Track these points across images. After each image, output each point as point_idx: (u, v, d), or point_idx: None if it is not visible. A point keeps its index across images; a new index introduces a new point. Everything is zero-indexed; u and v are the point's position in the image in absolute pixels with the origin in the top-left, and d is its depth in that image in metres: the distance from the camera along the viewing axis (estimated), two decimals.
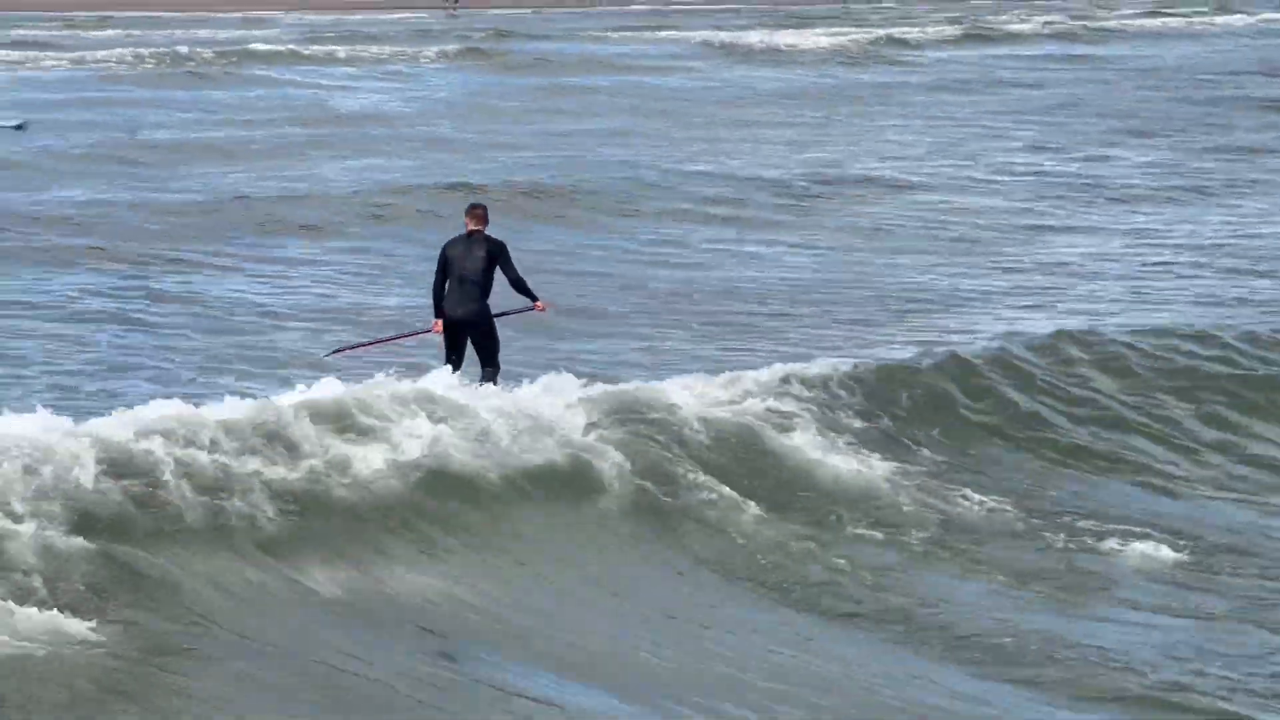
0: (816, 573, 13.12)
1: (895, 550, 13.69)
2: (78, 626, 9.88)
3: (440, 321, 16.48)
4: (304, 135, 43.78)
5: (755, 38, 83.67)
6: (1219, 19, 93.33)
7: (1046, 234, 30.29)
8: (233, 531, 11.74)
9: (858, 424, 15.94)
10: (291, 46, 72.56)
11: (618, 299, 23.81)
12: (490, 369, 16.34)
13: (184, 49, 68.43)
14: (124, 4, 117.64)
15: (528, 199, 31.97)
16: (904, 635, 12.02)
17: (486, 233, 16.41)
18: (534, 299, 16.57)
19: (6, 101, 48.36)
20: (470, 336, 16.37)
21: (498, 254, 16.26)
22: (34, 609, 9.94)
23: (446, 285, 16.37)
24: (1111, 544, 14.06)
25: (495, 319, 16.51)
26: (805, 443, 15.15)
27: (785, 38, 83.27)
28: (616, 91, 57.45)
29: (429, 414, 13.77)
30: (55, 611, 9.97)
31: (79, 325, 21.09)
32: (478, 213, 16.60)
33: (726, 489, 14.24)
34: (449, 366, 15.88)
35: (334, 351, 18.61)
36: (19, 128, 40.71)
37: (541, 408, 14.56)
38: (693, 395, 15.42)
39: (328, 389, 13.88)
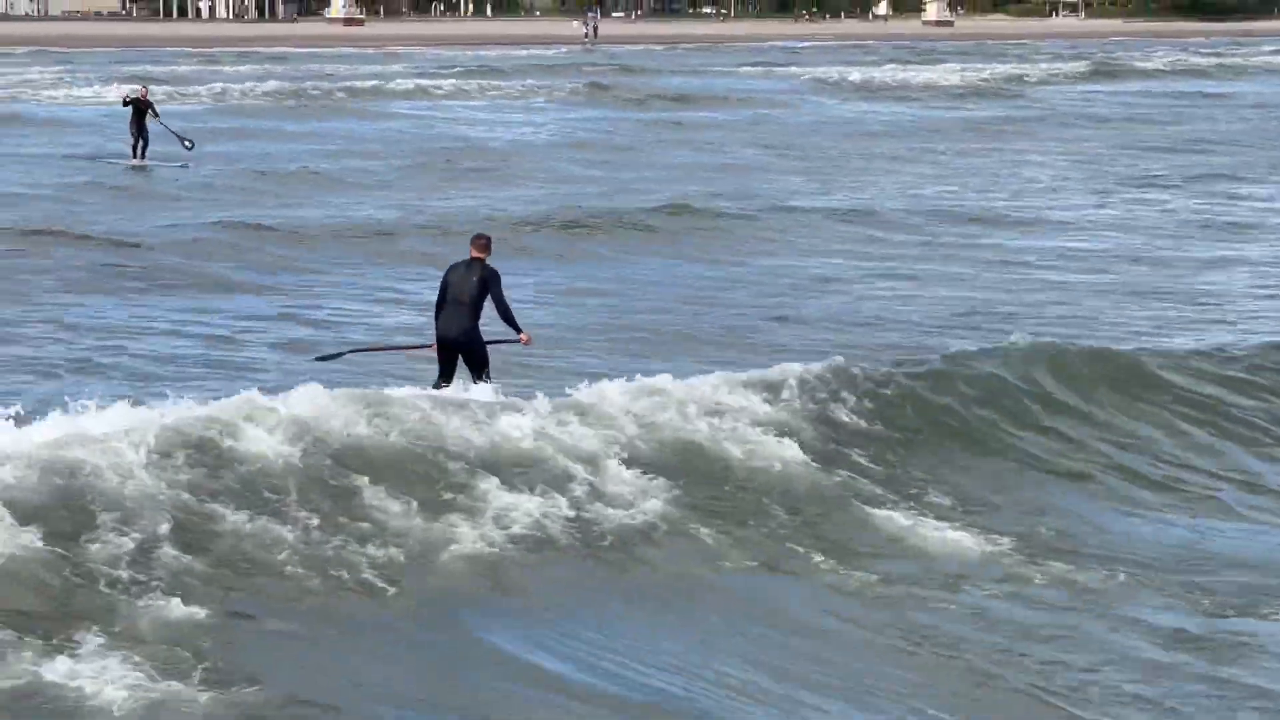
0: None
1: None
2: None
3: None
4: (432, 167, 44.59)
5: (882, 74, 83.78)
6: None
7: (1204, 266, 30.10)
8: None
9: None
10: (420, 82, 74.07)
11: (770, 328, 23.86)
12: (482, 380, 17.02)
13: (324, 84, 70.22)
14: (261, 39, 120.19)
15: (648, 230, 32.47)
16: None
17: (486, 261, 17.20)
18: (518, 330, 17.27)
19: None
20: (461, 355, 17.19)
21: (490, 281, 17.05)
22: None
23: (444, 307, 17.23)
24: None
25: (488, 344, 17.30)
26: None
27: (915, 74, 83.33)
28: (738, 126, 58.09)
29: None
30: None
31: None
32: (480, 242, 17.47)
33: None
34: (442, 383, 16.95)
35: (331, 357, 19.14)
36: (189, 147, 42.24)
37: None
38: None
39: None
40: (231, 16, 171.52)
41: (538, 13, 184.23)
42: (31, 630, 10.73)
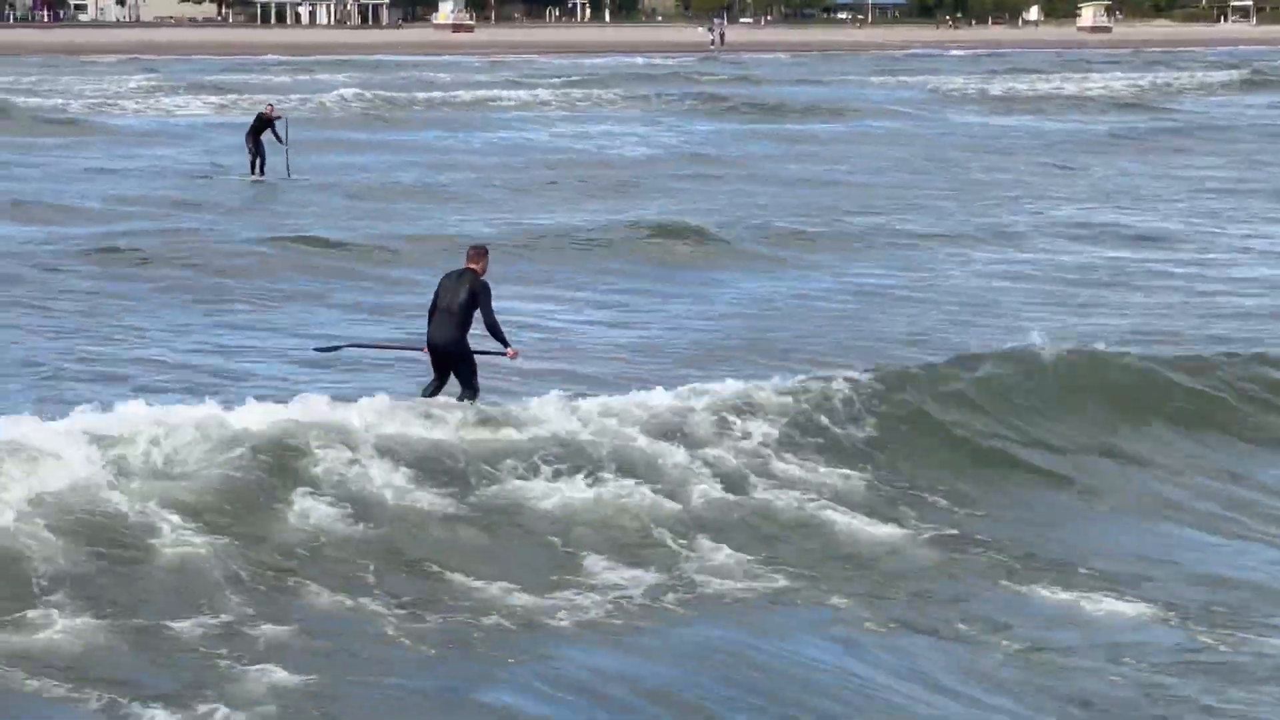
0: None
1: None
2: None
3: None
4: (543, 178, 45.62)
5: (1025, 84, 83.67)
6: None
7: None
8: None
9: None
10: (524, 93, 75.31)
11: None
12: (468, 391, 18.09)
13: (429, 94, 71.62)
14: (363, 47, 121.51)
15: (769, 242, 33.08)
16: None
17: (477, 272, 18.19)
18: (506, 344, 18.21)
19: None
20: (448, 363, 18.18)
21: (479, 294, 17.98)
22: None
23: (435, 314, 18.29)
24: None
25: (474, 354, 18.24)
26: None
27: (1061, 85, 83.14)
28: (871, 138, 58.18)
29: None
30: None
31: None
32: (472, 253, 18.50)
33: None
34: (432, 386, 18.20)
35: (330, 349, 20.67)
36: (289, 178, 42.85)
37: None
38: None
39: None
40: (332, 22, 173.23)
41: (660, 18, 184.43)
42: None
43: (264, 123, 42.78)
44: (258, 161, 42.70)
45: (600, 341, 23.70)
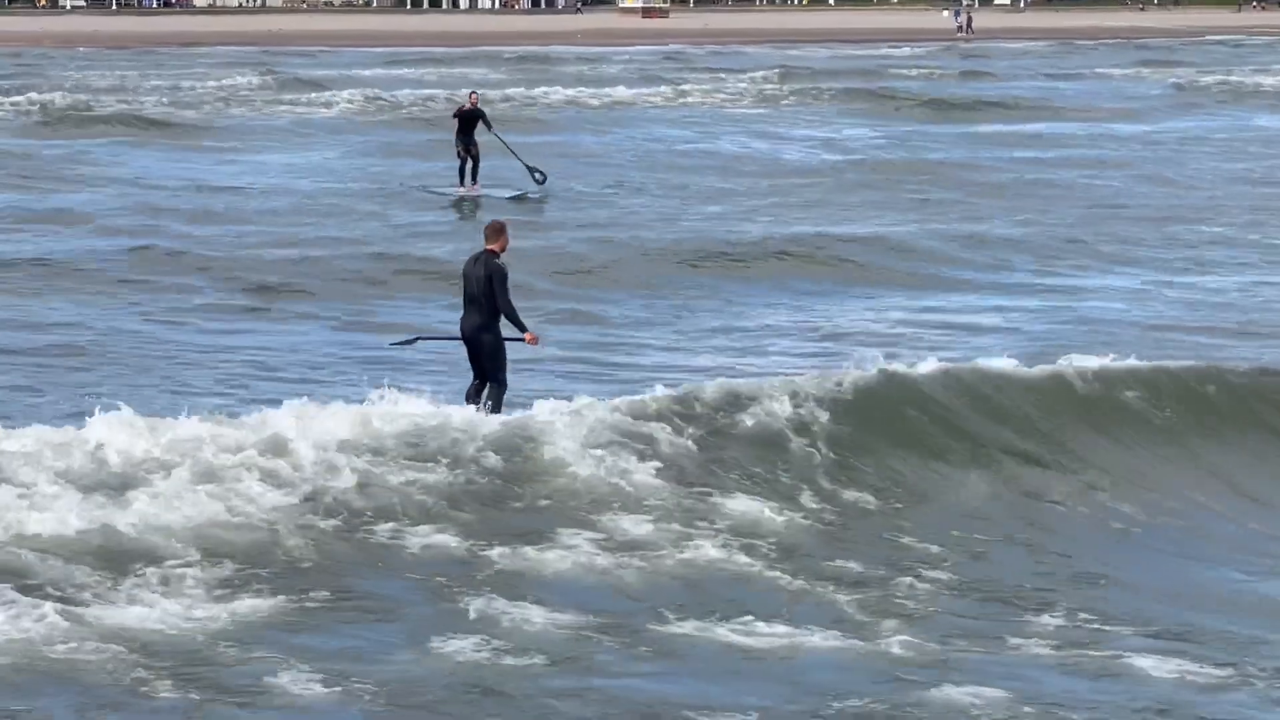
0: None
1: None
2: None
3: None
4: (710, 186, 46.70)
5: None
6: None
7: None
8: None
9: None
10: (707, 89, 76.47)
11: None
12: (493, 386, 19.49)
13: (603, 93, 72.86)
14: (531, 36, 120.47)
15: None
16: None
17: (495, 251, 19.44)
18: (523, 329, 19.56)
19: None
20: (476, 355, 19.64)
21: (494, 278, 19.25)
22: None
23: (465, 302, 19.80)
24: None
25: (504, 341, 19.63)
26: None
27: None
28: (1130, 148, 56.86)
29: None
30: None
31: None
32: (488, 231, 19.69)
33: None
34: (473, 386, 19.72)
35: (405, 343, 22.35)
36: (540, 180, 42.85)
37: None
38: None
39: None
40: (497, 7, 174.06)
41: (895, 0, 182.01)
42: None
43: (472, 117, 41.42)
44: (470, 168, 41.76)
45: None
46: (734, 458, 18.38)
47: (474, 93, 44.85)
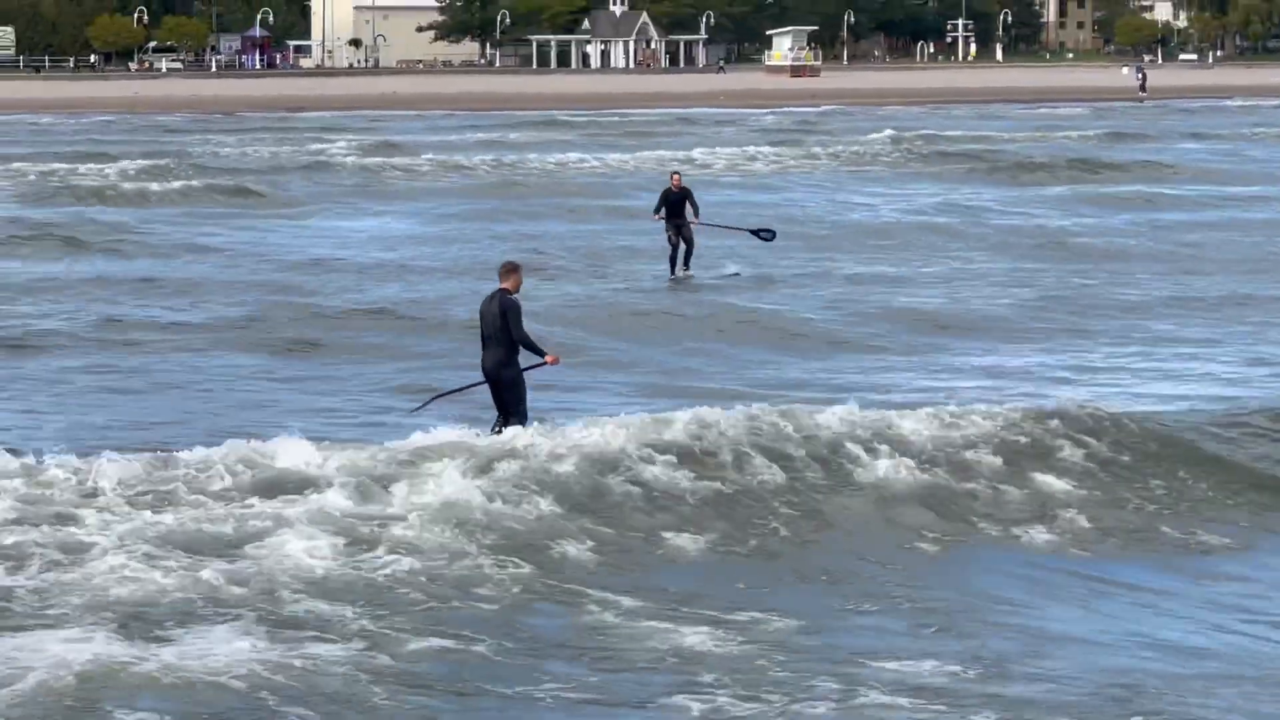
0: None
1: None
2: None
3: None
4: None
5: None
6: None
7: None
8: None
9: None
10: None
11: None
12: (514, 419, 21.18)
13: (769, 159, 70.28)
14: (662, 98, 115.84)
15: None
16: None
17: (509, 290, 21.36)
18: (542, 354, 21.63)
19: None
20: (496, 390, 21.55)
21: (508, 314, 21.18)
22: None
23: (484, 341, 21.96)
24: None
25: (523, 371, 21.68)
26: None
27: None
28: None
29: None
30: None
31: None
32: (502, 271, 21.82)
33: None
34: (498, 421, 21.55)
35: (422, 406, 23.61)
36: (767, 238, 43.96)
37: None
38: None
39: None
40: (632, 65, 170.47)
41: (1070, 54, 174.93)
42: None
43: (680, 199, 41.15)
44: (685, 252, 41.46)
45: None
46: None
47: (676, 173, 43.74)
